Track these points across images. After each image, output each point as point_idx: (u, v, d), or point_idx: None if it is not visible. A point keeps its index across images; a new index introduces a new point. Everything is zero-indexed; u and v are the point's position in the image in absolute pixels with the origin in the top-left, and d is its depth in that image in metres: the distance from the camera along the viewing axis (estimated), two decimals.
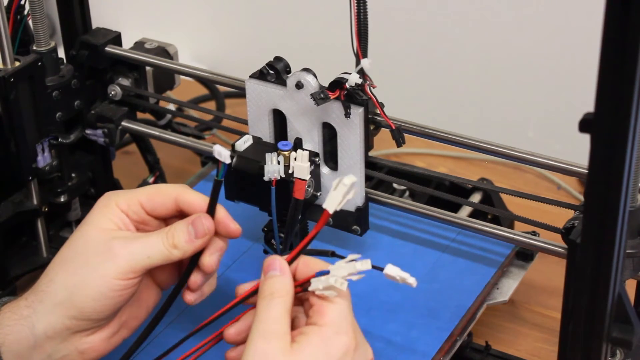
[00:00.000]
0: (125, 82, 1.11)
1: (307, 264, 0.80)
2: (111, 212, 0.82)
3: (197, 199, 0.83)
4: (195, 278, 0.83)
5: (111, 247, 0.79)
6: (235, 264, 1.05)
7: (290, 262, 0.80)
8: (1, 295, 1.07)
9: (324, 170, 0.96)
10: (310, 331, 0.76)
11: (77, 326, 0.80)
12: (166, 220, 0.85)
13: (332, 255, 0.82)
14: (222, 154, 0.78)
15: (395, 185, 1.15)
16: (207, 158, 1.23)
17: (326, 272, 0.78)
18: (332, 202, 0.77)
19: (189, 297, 0.83)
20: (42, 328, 0.79)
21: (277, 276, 0.78)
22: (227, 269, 1.04)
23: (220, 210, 0.83)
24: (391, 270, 0.80)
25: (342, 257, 0.82)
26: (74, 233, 0.82)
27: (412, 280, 0.79)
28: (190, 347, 0.82)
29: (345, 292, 0.78)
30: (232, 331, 0.80)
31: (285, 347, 0.75)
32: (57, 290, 0.79)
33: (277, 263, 0.79)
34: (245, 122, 0.99)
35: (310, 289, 0.77)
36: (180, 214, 0.84)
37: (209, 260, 0.82)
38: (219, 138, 1.37)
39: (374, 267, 0.80)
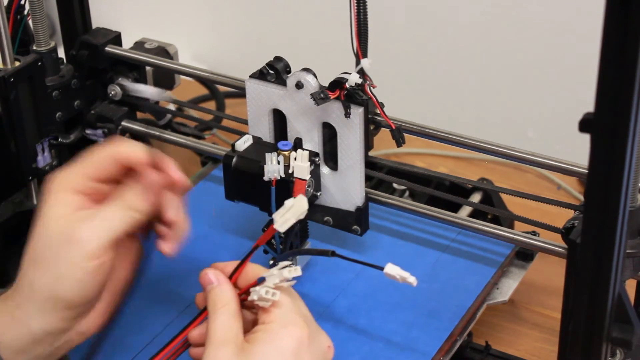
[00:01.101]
0: (126, 82, 1.11)
1: (245, 271, 0.81)
2: (64, 196, 0.80)
3: (134, 148, 0.82)
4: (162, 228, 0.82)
5: (73, 233, 0.78)
6: None
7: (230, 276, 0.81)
8: None
9: (324, 170, 0.96)
10: (258, 329, 0.77)
11: (71, 315, 0.80)
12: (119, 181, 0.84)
13: (332, 255, 0.82)
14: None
15: (395, 185, 1.15)
16: (207, 158, 1.23)
17: (263, 280, 0.78)
18: (282, 223, 0.79)
19: (165, 247, 0.83)
20: (37, 325, 0.79)
21: (215, 287, 0.79)
22: None
23: (165, 162, 0.82)
24: (391, 269, 0.80)
25: (342, 257, 0.82)
26: (35, 228, 0.81)
27: (412, 279, 0.79)
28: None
29: (287, 289, 0.79)
30: (195, 333, 0.81)
31: (235, 351, 0.76)
32: (38, 290, 0.79)
33: (211, 275, 0.80)
34: (245, 122, 0.99)
35: (249, 298, 0.79)
36: (129, 169, 0.83)
37: (174, 215, 0.82)
38: (219, 138, 1.37)
39: (374, 266, 0.80)
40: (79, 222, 0.79)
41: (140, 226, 0.82)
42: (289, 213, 0.78)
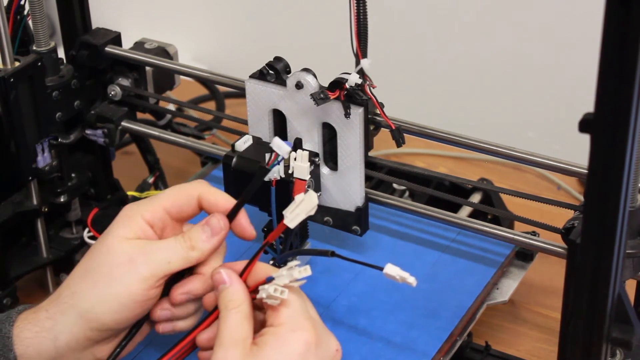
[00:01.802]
0: (125, 82, 1.11)
1: (254, 269, 0.80)
2: (134, 222, 0.81)
3: (220, 198, 0.83)
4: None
5: (132, 257, 0.79)
6: None
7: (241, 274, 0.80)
8: (2, 297, 1.07)
9: (324, 170, 0.96)
10: (267, 332, 0.77)
11: (99, 337, 0.80)
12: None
13: (332, 255, 0.82)
14: (282, 147, 0.79)
15: (395, 185, 1.15)
16: (207, 158, 1.24)
17: (272, 279, 0.78)
18: (292, 219, 0.78)
19: (161, 328, 0.84)
20: (64, 340, 0.80)
21: (227, 288, 0.79)
22: None
23: (241, 213, 0.83)
24: (391, 269, 0.80)
25: (341, 257, 0.82)
26: (95, 244, 0.82)
27: (412, 280, 0.79)
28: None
29: (297, 290, 0.78)
30: (203, 337, 0.81)
31: (244, 353, 0.76)
32: (80, 302, 0.79)
33: (224, 274, 0.80)
34: (245, 122, 0.99)
35: (257, 297, 0.78)
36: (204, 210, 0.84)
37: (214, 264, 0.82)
38: (218, 138, 1.37)
39: (373, 267, 0.80)
40: (142, 248, 0.80)
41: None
42: (299, 208, 0.78)
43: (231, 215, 0.82)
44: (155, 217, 0.82)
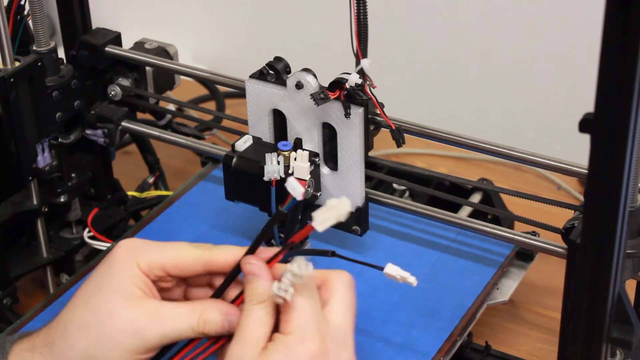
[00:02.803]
0: (125, 82, 1.11)
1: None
2: (133, 274, 0.78)
3: (228, 260, 0.80)
4: None
5: (138, 327, 0.77)
6: None
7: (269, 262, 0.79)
8: (2, 297, 1.07)
9: (324, 170, 0.96)
10: (277, 339, 0.76)
11: None
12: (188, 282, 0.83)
13: (332, 255, 0.82)
14: (296, 189, 0.76)
15: (395, 185, 1.15)
16: (207, 158, 1.23)
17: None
18: (322, 222, 0.75)
19: None
20: None
21: (256, 280, 0.78)
22: None
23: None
24: (391, 269, 0.80)
25: (342, 257, 0.82)
26: (92, 289, 0.79)
27: (412, 279, 0.79)
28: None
29: (309, 295, 0.77)
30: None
31: (255, 354, 0.75)
32: (77, 357, 0.77)
33: (256, 267, 0.78)
34: (245, 122, 0.99)
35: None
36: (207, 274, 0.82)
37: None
38: (219, 138, 1.37)
39: (374, 266, 0.80)
40: (148, 317, 0.77)
41: None
42: (330, 213, 0.75)
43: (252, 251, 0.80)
44: (152, 271, 0.79)
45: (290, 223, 0.90)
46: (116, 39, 1.10)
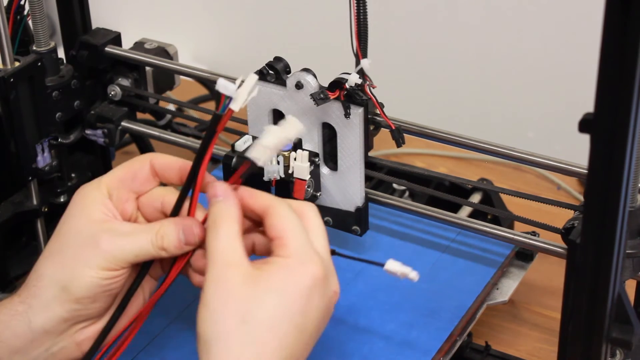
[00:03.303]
0: (125, 82, 1.11)
1: (254, 196, 0.79)
2: (96, 199, 0.80)
3: (171, 161, 0.82)
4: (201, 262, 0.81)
5: (99, 241, 0.78)
6: None
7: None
8: (1, 297, 1.07)
9: (324, 170, 0.96)
10: (273, 262, 0.75)
11: (75, 318, 0.79)
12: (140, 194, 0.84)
13: (333, 254, 0.82)
14: (228, 87, 0.76)
15: (395, 185, 1.15)
16: None
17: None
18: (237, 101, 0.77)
19: (196, 279, 0.82)
20: (39, 323, 0.79)
21: (220, 201, 0.77)
22: None
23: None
24: (392, 265, 0.79)
25: (342, 256, 0.82)
26: (59, 225, 0.81)
27: (413, 274, 0.79)
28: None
29: (298, 220, 0.77)
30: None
31: (245, 274, 0.74)
32: (49, 284, 0.79)
33: (219, 189, 0.78)
34: (245, 122, 0.99)
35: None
36: (159, 183, 0.83)
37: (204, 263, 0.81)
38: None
39: (374, 263, 0.80)
40: (108, 232, 0.79)
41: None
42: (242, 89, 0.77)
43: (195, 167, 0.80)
44: (112, 187, 0.81)
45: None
46: (116, 39, 1.10)
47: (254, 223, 0.81)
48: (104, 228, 0.79)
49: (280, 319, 0.74)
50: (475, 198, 1.13)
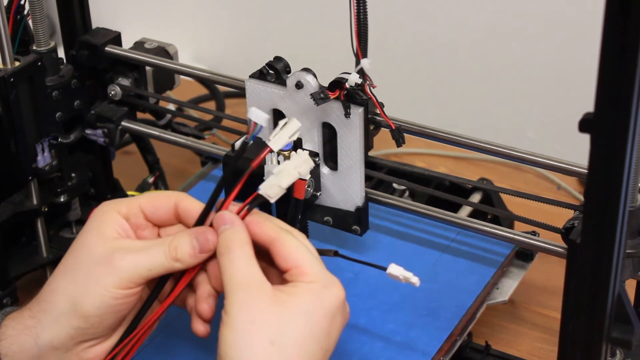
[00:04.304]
0: (125, 82, 1.11)
1: (259, 225, 0.80)
2: (112, 218, 0.81)
3: (196, 206, 0.82)
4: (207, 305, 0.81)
5: (113, 258, 0.78)
6: None
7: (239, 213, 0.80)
8: (2, 297, 1.07)
9: (324, 170, 0.96)
10: (300, 286, 0.76)
11: (82, 336, 0.79)
12: (161, 227, 0.84)
13: (335, 255, 0.82)
14: (260, 116, 0.77)
15: (395, 185, 1.15)
16: (207, 158, 1.24)
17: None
18: (276, 141, 0.78)
19: (199, 327, 0.82)
20: (46, 338, 0.79)
21: (228, 229, 0.78)
22: None
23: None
24: (394, 269, 0.80)
25: (344, 257, 0.82)
26: (75, 241, 0.81)
27: (415, 280, 0.79)
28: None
29: (309, 247, 0.79)
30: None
31: (272, 296, 0.75)
32: (60, 300, 0.79)
33: (227, 217, 0.79)
34: (245, 122, 0.99)
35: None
36: (178, 221, 0.83)
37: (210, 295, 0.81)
38: (219, 138, 1.37)
39: (377, 267, 0.80)
40: (121, 250, 0.79)
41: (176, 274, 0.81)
42: (282, 131, 0.78)
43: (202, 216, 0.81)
44: (131, 212, 0.81)
45: (291, 223, 0.90)
46: (116, 39, 1.10)
47: (257, 251, 0.81)
48: (116, 245, 0.79)
49: (308, 340, 0.75)
50: (475, 198, 1.13)
